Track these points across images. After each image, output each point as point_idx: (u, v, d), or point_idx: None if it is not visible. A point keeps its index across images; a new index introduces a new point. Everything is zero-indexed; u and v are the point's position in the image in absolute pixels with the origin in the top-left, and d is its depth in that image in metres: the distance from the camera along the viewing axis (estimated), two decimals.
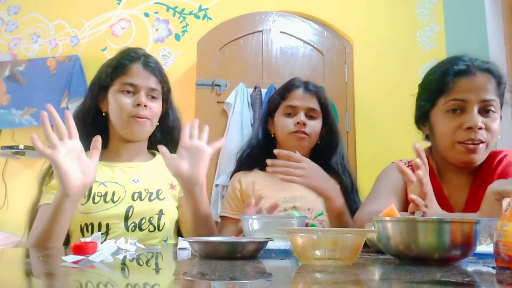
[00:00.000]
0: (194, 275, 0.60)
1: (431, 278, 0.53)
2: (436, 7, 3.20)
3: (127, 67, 1.29)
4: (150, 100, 1.30)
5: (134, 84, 1.28)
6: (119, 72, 1.29)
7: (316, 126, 1.51)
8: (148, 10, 3.29)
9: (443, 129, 1.16)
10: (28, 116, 3.13)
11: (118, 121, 1.29)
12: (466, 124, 1.12)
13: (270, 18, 3.02)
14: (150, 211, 1.26)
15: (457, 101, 1.14)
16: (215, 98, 2.88)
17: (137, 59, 1.31)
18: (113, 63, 1.31)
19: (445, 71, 1.19)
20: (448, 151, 1.17)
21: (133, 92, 1.28)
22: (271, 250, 0.85)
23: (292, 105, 1.51)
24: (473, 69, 1.15)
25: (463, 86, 1.15)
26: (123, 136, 1.31)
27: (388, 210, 0.85)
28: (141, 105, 1.26)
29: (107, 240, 0.92)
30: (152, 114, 1.30)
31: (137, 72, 1.29)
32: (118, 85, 1.28)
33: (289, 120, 1.50)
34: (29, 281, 0.57)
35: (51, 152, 1.03)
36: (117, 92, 1.28)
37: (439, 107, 1.18)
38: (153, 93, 1.31)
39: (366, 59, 3.11)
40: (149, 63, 1.31)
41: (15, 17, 3.42)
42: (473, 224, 0.67)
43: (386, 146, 2.86)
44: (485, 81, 1.15)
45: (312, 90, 1.53)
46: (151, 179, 1.31)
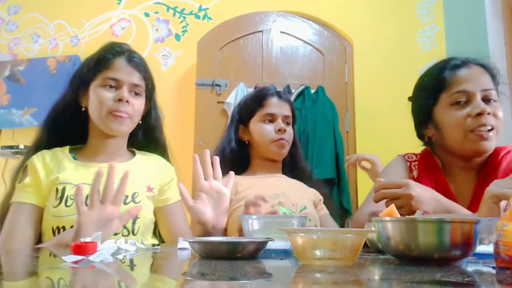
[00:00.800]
0: (194, 275, 0.60)
1: (431, 278, 0.53)
2: (436, 7, 3.20)
3: (111, 61, 1.24)
4: (133, 97, 1.25)
5: (117, 78, 1.23)
6: (102, 66, 1.24)
7: (291, 133, 1.58)
8: (148, 10, 3.29)
9: (452, 121, 1.17)
10: (28, 116, 3.13)
11: (97, 116, 1.24)
12: (475, 111, 1.13)
13: (270, 18, 3.02)
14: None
15: (460, 93, 1.16)
16: (215, 98, 2.89)
17: (121, 53, 1.26)
18: (96, 56, 1.27)
19: (441, 68, 1.21)
20: (460, 143, 1.17)
21: (115, 87, 1.24)
22: (271, 250, 0.85)
23: (270, 113, 1.55)
24: (467, 62, 1.20)
25: (462, 78, 1.18)
26: (103, 131, 1.26)
27: (388, 210, 0.85)
28: (122, 100, 1.22)
29: (107, 241, 0.91)
30: (133, 111, 1.25)
31: (121, 66, 1.24)
32: (100, 80, 1.24)
33: (269, 127, 1.54)
34: (29, 281, 0.57)
35: (83, 212, 0.99)
36: (99, 86, 1.24)
37: (442, 102, 1.19)
38: (136, 89, 1.26)
39: (366, 59, 3.11)
40: (133, 58, 1.27)
41: (15, 17, 3.42)
42: (473, 224, 0.67)
43: (386, 146, 2.86)
44: (481, 72, 1.19)
45: (285, 98, 1.60)
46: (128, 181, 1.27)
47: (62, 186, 1.20)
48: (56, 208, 1.17)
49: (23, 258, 0.85)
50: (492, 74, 1.20)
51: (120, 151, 1.32)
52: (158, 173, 1.34)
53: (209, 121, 2.84)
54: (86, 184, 1.16)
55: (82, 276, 0.59)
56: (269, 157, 1.55)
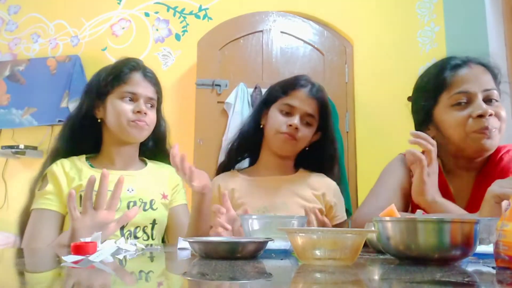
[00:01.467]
0: (194, 275, 0.60)
1: (431, 278, 0.53)
2: (436, 7, 3.20)
3: (128, 75, 1.33)
4: (148, 109, 1.34)
5: (134, 92, 1.32)
6: (120, 81, 1.32)
7: (307, 133, 1.43)
8: (148, 10, 3.29)
9: (453, 122, 1.16)
10: (28, 116, 3.13)
11: (117, 126, 1.31)
12: (476, 113, 1.11)
13: (270, 18, 3.02)
14: (144, 221, 1.30)
15: (461, 94, 1.15)
16: (215, 98, 2.88)
17: (138, 69, 1.35)
18: (114, 71, 1.34)
19: (441, 68, 1.19)
20: (462, 143, 1.16)
21: (132, 100, 1.32)
22: (271, 250, 0.85)
23: (290, 104, 1.42)
24: (468, 62, 1.17)
25: (463, 78, 1.15)
26: (121, 139, 1.34)
27: (388, 210, 0.85)
28: (141, 112, 1.31)
29: (107, 241, 0.92)
30: (150, 120, 1.34)
31: (138, 81, 1.33)
32: (118, 93, 1.32)
33: (283, 118, 1.42)
34: (29, 281, 0.57)
35: (76, 218, 1.03)
36: (117, 99, 1.32)
37: (442, 103, 1.18)
38: (151, 102, 1.35)
39: (366, 59, 3.11)
40: (147, 73, 1.37)
41: (15, 17, 3.42)
42: (473, 224, 0.67)
43: (386, 146, 2.86)
44: (482, 72, 1.16)
45: (315, 95, 1.43)
46: (145, 189, 1.34)
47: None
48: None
49: (23, 258, 0.85)
50: (494, 73, 1.19)
51: (133, 160, 1.41)
52: (169, 181, 1.42)
53: (209, 121, 2.84)
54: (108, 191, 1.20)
55: (82, 276, 0.59)
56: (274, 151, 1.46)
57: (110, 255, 0.77)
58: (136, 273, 0.66)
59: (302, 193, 1.43)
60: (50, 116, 3.07)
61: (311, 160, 1.51)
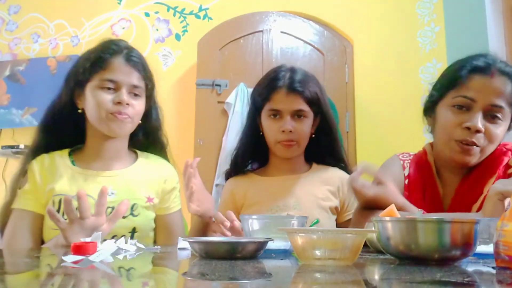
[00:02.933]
0: (194, 275, 0.60)
1: (431, 278, 0.53)
2: (436, 7, 3.20)
3: (108, 61, 1.18)
4: (132, 98, 1.19)
5: (115, 80, 1.17)
6: (98, 67, 1.18)
7: (305, 127, 1.38)
8: (149, 10, 3.29)
9: (443, 123, 1.14)
10: (28, 116, 3.13)
11: (96, 119, 1.19)
12: (466, 124, 1.08)
13: (270, 18, 3.02)
14: (123, 229, 1.18)
15: (465, 99, 1.10)
16: (216, 98, 2.88)
17: (119, 52, 1.20)
18: (92, 56, 1.20)
19: (462, 65, 1.14)
20: (443, 146, 1.15)
21: (113, 89, 1.18)
22: (271, 250, 0.85)
23: (275, 109, 1.37)
24: (492, 68, 1.09)
25: (475, 84, 1.09)
26: (102, 132, 1.21)
27: (388, 210, 0.85)
28: (122, 103, 1.16)
29: (107, 241, 0.91)
30: (134, 112, 1.20)
31: (119, 67, 1.18)
32: (97, 81, 1.18)
33: (275, 125, 1.37)
34: (29, 281, 0.57)
35: (64, 228, 0.98)
36: (96, 88, 1.18)
37: (446, 100, 1.15)
38: (136, 90, 1.20)
39: (366, 59, 3.11)
40: (131, 57, 1.20)
41: (16, 16, 3.42)
42: (473, 224, 0.67)
43: (386, 146, 2.86)
44: (501, 85, 1.08)
45: (297, 89, 1.36)
46: (127, 192, 1.22)
47: (58, 198, 1.17)
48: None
49: (23, 258, 0.85)
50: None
51: (120, 153, 1.28)
52: (159, 180, 1.30)
53: (209, 121, 2.84)
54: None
55: (82, 276, 0.59)
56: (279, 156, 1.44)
57: (110, 255, 0.77)
58: (136, 273, 0.66)
59: (316, 191, 1.40)
60: None
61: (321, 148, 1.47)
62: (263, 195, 1.41)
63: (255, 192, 1.42)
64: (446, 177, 1.20)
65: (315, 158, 1.49)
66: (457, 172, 1.18)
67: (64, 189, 1.18)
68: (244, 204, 1.42)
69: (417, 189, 1.20)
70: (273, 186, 1.42)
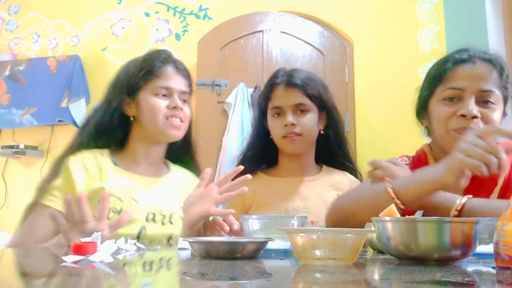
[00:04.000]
0: (194, 275, 0.60)
1: (431, 278, 0.53)
2: (436, 7, 3.20)
3: (160, 69, 1.25)
4: (182, 103, 1.26)
5: (169, 87, 1.24)
6: (153, 75, 1.24)
7: (309, 121, 1.39)
8: (149, 10, 3.29)
9: (438, 116, 1.13)
10: (28, 116, 3.13)
11: (153, 124, 1.23)
12: (460, 112, 1.08)
13: (270, 18, 3.02)
14: (161, 236, 1.21)
15: (454, 90, 1.11)
16: (216, 98, 2.89)
17: (170, 61, 1.27)
18: (145, 65, 1.26)
19: (445, 59, 1.16)
20: (443, 139, 1.13)
21: (166, 96, 1.24)
22: (271, 250, 0.85)
23: (276, 106, 1.40)
24: (474, 57, 1.12)
25: (461, 74, 1.11)
26: (155, 138, 1.26)
27: (388, 210, 0.85)
28: (177, 108, 1.23)
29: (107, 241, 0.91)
30: (185, 117, 1.27)
31: (171, 74, 1.25)
32: (151, 88, 1.23)
33: (278, 122, 1.39)
34: (29, 281, 0.57)
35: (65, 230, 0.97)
36: (150, 95, 1.23)
37: (436, 95, 1.15)
38: (184, 96, 1.28)
39: (366, 59, 3.11)
40: (179, 65, 1.29)
41: (16, 16, 3.42)
42: (473, 224, 0.67)
43: (386, 146, 2.87)
44: (485, 71, 1.11)
45: (296, 83, 1.38)
46: (166, 199, 1.25)
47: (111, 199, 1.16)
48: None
49: (23, 259, 0.85)
50: (499, 74, 1.12)
51: (160, 161, 1.32)
52: (186, 188, 1.30)
53: (209, 121, 2.84)
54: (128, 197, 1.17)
55: (82, 276, 0.59)
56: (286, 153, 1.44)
57: (110, 255, 0.77)
58: (136, 273, 0.66)
59: (326, 195, 1.39)
60: (50, 116, 3.07)
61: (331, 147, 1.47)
62: (272, 196, 1.41)
63: (264, 192, 1.42)
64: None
65: (325, 158, 1.50)
66: None
67: (114, 189, 1.18)
68: (253, 205, 1.42)
69: None
70: (282, 187, 1.42)
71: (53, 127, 3.19)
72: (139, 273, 0.65)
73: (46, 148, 3.16)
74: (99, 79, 2.91)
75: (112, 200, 1.13)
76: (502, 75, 1.13)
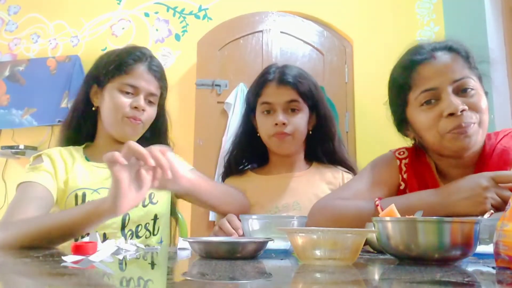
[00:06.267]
0: (194, 275, 0.60)
1: (431, 278, 0.53)
2: (436, 7, 3.20)
3: (131, 66, 1.23)
4: (147, 104, 1.25)
5: (136, 86, 1.22)
6: (122, 71, 1.22)
7: (299, 121, 1.35)
8: (148, 10, 3.29)
9: (424, 124, 1.04)
10: (28, 116, 3.13)
11: (110, 120, 1.23)
12: (446, 111, 0.99)
13: (270, 18, 3.02)
14: (146, 217, 1.24)
15: (428, 91, 1.02)
16: (215, 98, 2.89)
17: (143, 60, 1.25)
18: (117, 59, 1.24)
19: (404, 65, 1.08)
20: (439, 144, 1.04)
21: (132, 94, 1.23)
22: (271, 250, 0.85)
23: (267, 102, 1.35)
24: (430, 52, 1.04)
25: (427, 73, 1.03)
26: (113, 135, 1.25)
27: (388, 210, 0.85)
28: (139, 108, 1.22)
29: (107, 241, 0.91)
30: (146, 118, 1.25)
31: (141, 74, 1.23)
32: (117, 84, 1.22)
33: (268, 120, 1.35)
34: (29, 281, 0.57)
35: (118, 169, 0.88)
36: (116, 90, 1.22)
37: (411, 104, 1.07)
38: (151, 97, 1.26)
39: (366, 59, 3.11)
40: (153, 66, 1.26)
41: (15, 17, 3.42)
42: (473, 224, 0.67)
43: (386, 146, 2.86)
44: (449, 60, 1.03)
45: (288, 81, 1.34)
46: None
47: (82, 192, 1.18)
48: None
49: (23, 258, 0.85)
50: (465, 57, 1.05)
51: None
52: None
53: (209, 121, 2.84)
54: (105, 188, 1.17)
55: (82, 276, 0.59)
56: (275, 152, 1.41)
57: (110, 255, 0.77)
58: (136, 273, 0.66)
59: (317, 189, 1.37)
60: (50, 116, 3.07)
61: (320, 147, 1.44)
62: (262, 194, 1.39)
63: (254, 191, 1.40)
64: (452, 175, 1.10)
65: (315, 158, 1.47)
66: (461, 166, 1.08)
67: (86, 182, 1.20)
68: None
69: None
70: (272, 185, 1.40)
71: (53, 127, 3.18)
72: (139, 273, 0.65)
73: (46, 149, 3.16)
74: None
75: (89, 193, 1.17)
76: (468, 57, 1.05)
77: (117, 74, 1.23)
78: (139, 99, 1.22)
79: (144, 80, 1.23)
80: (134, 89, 1.23)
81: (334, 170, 1.44)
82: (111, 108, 1.22)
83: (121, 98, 1.22)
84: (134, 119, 1.22)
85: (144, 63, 1.25)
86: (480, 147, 1.06)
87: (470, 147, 1.02)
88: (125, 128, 1.22)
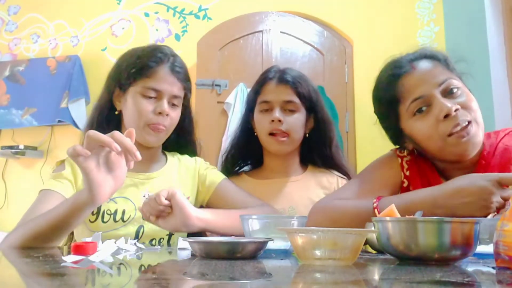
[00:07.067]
0: (194, 275, 0.60)
1: (431, 278, 0.53)
2: (436, 7, 3.20)
3: (153, 69, 1.18)
4: (171, 108, 1.20)
5: (158, 89, 1.18)
6: (143, 75, 1.18)
7: (296, 121, 1.36)
8: (148, 10, 3.29)
9: (423, 133, 1.06)
10: (28, 116, 3.13)
11: (133, 126, 1.17)
12: (441, 114, 1.01)
13: (270, 18, 3.02)
14: (161, 232, 1.18)
15: (417, 100, 1.04)
16: (215, 98, 2.89)
17: (165, 61, 1.20)
18: (138, 62, 1.20)
19: (387, 80, 1.11)
20: (442, 150, 1.05)
21: (155, 97, 1.19)
22: (271, 250, 0.85)
23: (266, 100, 1.37)
24: (409, 63, 1.08)
25: (412, 83, 1.05)
26: (136, 140, 1.19)
27: (388, 210, 0.85)
28: (163, 114, 1.18)
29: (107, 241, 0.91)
30: (170, 123, 1.21)
31: (163, 76, 1.19)
32: (140, 87, 1.18)
33: (265, 117, 1.36)
34: (29, 281, 0.57)
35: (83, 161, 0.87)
36: (138, 94, 1.18)
37: (403, 116, 1.09)
38: (175, 100, 1.21)
39: (366, 59, 3.11)
40: (176, 66, 1.21)
41: (15, 17, 3.42)
42: (473, 224, 0.67)
43: (386, 146, 2.86)
44: (429, 67, 1.06)
45: (288, 80, 1.36)
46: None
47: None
48: (94, 223, 1.14)
49: (23, 258, 0.85)
50: (443, 60, 1.08)
51: (154, 157, 1.28)
52: (193, 174, 1.31)
53: (209, 121, 2.84)
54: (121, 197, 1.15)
55: (82, 276, 0.59)
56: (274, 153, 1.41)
57: (110, 255, 0.77)
58: (136, 273, 0.66)
59: (312, 194, 1.37)
60: (50, 116, 3.07)
61: (316, 151, 1.44)
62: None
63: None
64: (455, 173, 1.08)
65: (310, 161, 1.47)
66: (465, 168, 1.08)
67: None
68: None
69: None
70: (267, 189, 1.39)
71: (53, 127, 3.19)
72: (139, 273, 0.65)
73: (46, 149, 3.16)
74: (98, 80, 2.89)
75: (104, 203, 1.09)
76: (445, 60, 1.08)
77: (138, 78, 1.19)
78: (162, 103, 1.18)
79: (167, 83, 1.19)
80: (157, 92, 1.18)
81: (329, 175, 1.44)
82: (133, 115, 1.19)
83: (144, 104, 1.17)
84: (158, 126, 1.18)
85: (166, 64, 1.20)
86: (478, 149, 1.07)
87: (474, 148, 1.04)
88: (146, 137, 1.19)
